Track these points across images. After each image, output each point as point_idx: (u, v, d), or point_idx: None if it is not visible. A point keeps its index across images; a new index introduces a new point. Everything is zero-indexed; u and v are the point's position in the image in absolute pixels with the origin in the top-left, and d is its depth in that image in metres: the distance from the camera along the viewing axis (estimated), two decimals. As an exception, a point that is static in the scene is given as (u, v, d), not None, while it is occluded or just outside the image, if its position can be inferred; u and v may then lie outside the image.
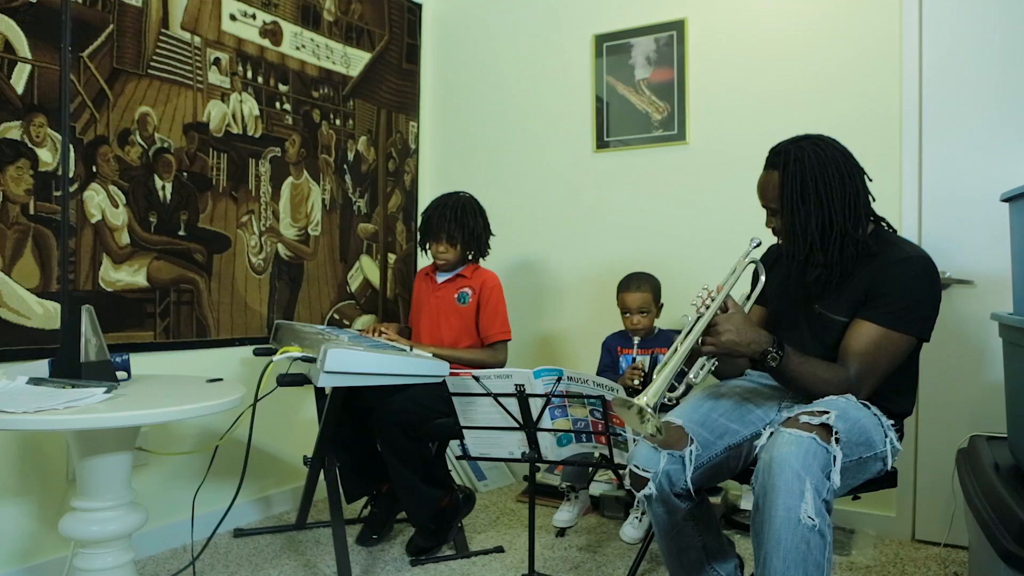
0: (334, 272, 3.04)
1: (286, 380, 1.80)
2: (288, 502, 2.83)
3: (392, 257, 3.33)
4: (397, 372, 1.68)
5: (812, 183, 1.57)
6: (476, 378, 1.74)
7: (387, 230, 3.30)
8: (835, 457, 1.33)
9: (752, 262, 1.67)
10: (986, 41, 2.41)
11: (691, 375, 1.55)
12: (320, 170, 2.97)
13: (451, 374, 1.77)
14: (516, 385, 1.72)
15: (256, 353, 2.52)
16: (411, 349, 1.89)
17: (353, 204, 3.14)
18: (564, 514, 2.46)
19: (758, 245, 1.68)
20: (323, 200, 2.98)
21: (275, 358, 1.77)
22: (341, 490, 2.39)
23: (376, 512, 2.47)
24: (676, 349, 1.48)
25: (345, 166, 3.09)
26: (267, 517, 2.74)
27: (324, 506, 2.72)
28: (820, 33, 2.66)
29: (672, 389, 1.52)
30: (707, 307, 1.51)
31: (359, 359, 1.62)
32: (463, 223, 2.47)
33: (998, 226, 2.28)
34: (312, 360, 1.68)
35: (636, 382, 2.28)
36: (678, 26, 2.92)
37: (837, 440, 1.35)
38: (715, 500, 2.53)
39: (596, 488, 2.69)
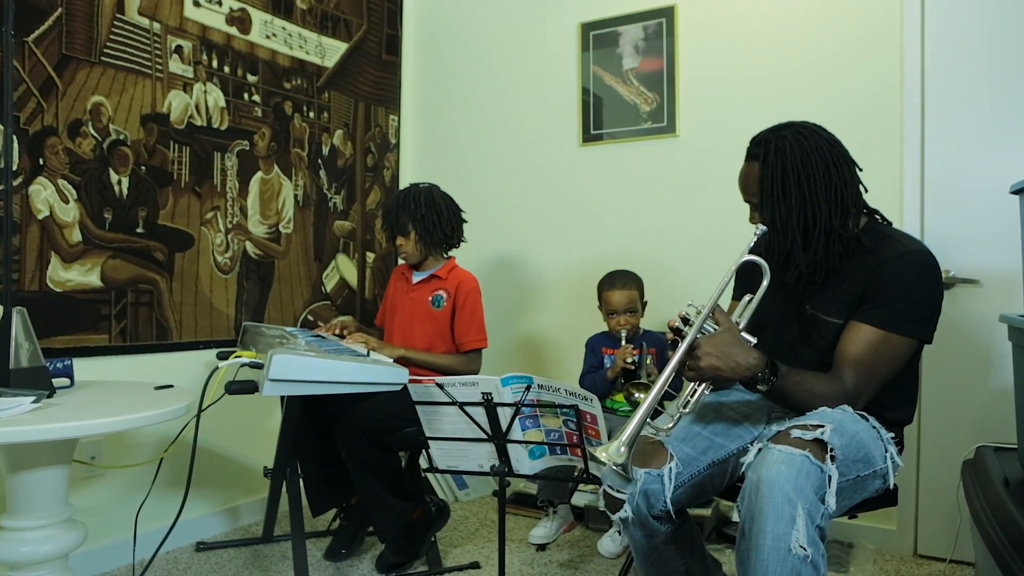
0: (308, 271, 2.91)
1: (235, 388, 1.66)
2: (257, 513, 2.69)
3: (371, 256, 3.20)
4: (351, 380, 1.54)
5: (794, 175, 1.44)
6: (440, 386, 1.60)
7: (365, 227, 3.17)
8: (830, 477, 1.19)
9: (748, 262, 1.49)
10: (992, 24, 2.26)
11: (681, 403, 1.40)
12: (292, 164, 2.83)
13: (412, 380, 1.63)
14: (483, 393, 1.58)
15: (219, 357, 2.38)
16: (369, 353, 1.75)
17: (329, 200, 3.00)
18: (541, 530, 2.32)
19: (765, 233, 1.50)
20: (295, 196, 2.84)
21: (221, 364, 1.63)
22: (307, 503, 2.26)
23: (345, 525, 2.33)
24: (656, 382, 1.33)
25: (320, 161, 2.95)
26: (234, 529, 2.61)
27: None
28: (816, 19, 2.52)
29: (656, 415, 1.38)
30: (690, 326, 1.35)
31: (308, 365, 1.48)
32: (414, 213, 2.32)
33: (1006, 221, 2.14)
34: (261, 366, 1.55)
35: (630, 360, 2.15)
36: (667, 13, 2.78)
37: (833, 458, 1.21)
38: (705, 512, 2.40)
39: (580, 498, 2.55)
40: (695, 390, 1.38)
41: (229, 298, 2.60)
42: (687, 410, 1.38)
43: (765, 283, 1.45)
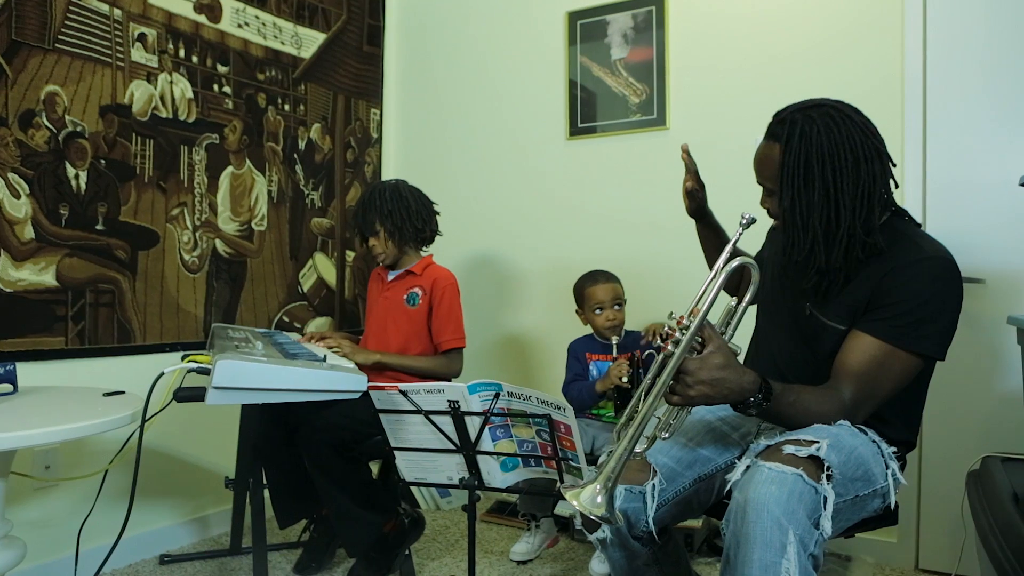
0: (283, 271, 2.78)
1: (183, 395, 1.55)
2: (228, 522, 2.56)
3: (350, 255, 3.07)
4: (303, 387, 1.42)
5: (819, 166, 1.25)
6: (404, 393, 1.48)
7: (345, 225, 3.04)
8: (826, 499, 1.06)
9: (741, 263, 1.26)
10: (997, 8, 2.14)
11: (662, 432, 1.25)
12: (266, 159, 2.71)
13: (371, 387, 1.51)
14: (449, 401, 1.46)
15: (184, 360, 2.26)
16: (325, 357, 1.63)
17: (305, 197, 2.88)
18: (522, 545, 2.20)
19: (751, 223, 1.30)
20: (269, 192, 2.72)
21: (166, 370, 1.51)
22: (275, 515, 2.15)
23: (316, 537, 2.21)
24: (635, 414, 1.15)
25: (296, 155, 2.83)
26: (203, 540, 2.48)
27: (267, 526, 2.46)
28: (813, 5, 2.40)
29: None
30: (677, 343, 1.16)
31: (255, 371, 1.36)
32: (381, 209, 2.20)
33: (1014, 215, 2.03)
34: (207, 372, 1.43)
35: (624, 379, 2.03)
36: (657, 0, 2.66)
37: (829, 477, 1.08)
38: (696, 523, 2.28)
39: (566, 508, 2.43)
40: (677, 412, 1.25)
41: (197, 298, 2.48)
42: (666, 434, 1.24)
43: (752, 290, 1.28)
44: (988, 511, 1.53)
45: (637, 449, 1.20)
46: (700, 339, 1.19)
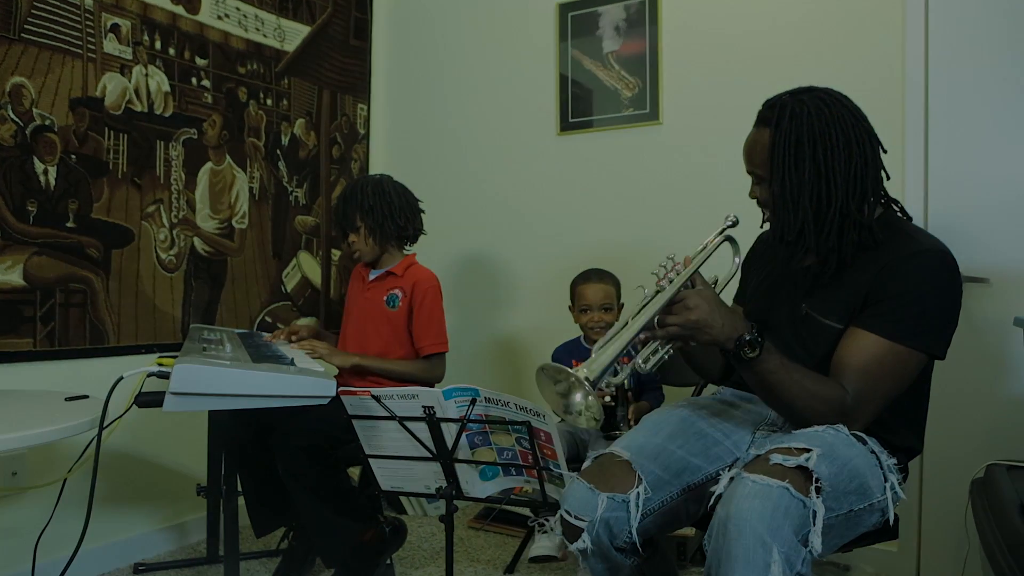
0: (266, 270, 2.71)
1: (145, 400, 1.47)
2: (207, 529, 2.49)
3: (336, 254, 3.00)
4: (267, 392, 1.34)
5: (810, 146, 1.24)
6: (376, 398, 1.41)
7: (330, 223, 2.96)
8: (815, 513, 0.99)
9: (727, 238, 1.37)
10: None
11: (639, 359, 1.24)
12: (247, 155, 2.63)
13: (342, 391, 1.43)
14: (424, 407, 1.38)
15: (156, 362, 2.19)
16: (293, 360, 1.55)
17: (289, 194, 2.80)
18: (546, 540, 2.16)
19: (734, 224, 1.36)
20: (251, 189, 2.64)
21: (126, 374, 1.44)
22: (250, 523, 2.07)
23: (295, 546, 2.13)
24: (627, 323, 1.20)
25: (278, 151, 2.75)
26: (181, 547, 2.41)
27: (246, 533, 2.38)
28: (810, -5, 2.33)
29: (614, 373, 1.22)
30: (671, 280, 1.23)
31: (214, 376, 1.28)
32: (362, 204, 2.12)
33: (1020, 212, 1.95)
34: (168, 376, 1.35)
35: (608, 399, 1.96)
36: (650, -9, 2.58)
37: (819, 489, 1.01)
38: (688, 532, 2.19)
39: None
40: (656, 349, 1.23)
41: (175, 298, 2.40)
42: (647, 368, 1.22)
43: (738, 260, 1.35)
44: (993, 522, 1.45)
45: (616, 379, 1.25)
46: (690, 284, 1.25)
